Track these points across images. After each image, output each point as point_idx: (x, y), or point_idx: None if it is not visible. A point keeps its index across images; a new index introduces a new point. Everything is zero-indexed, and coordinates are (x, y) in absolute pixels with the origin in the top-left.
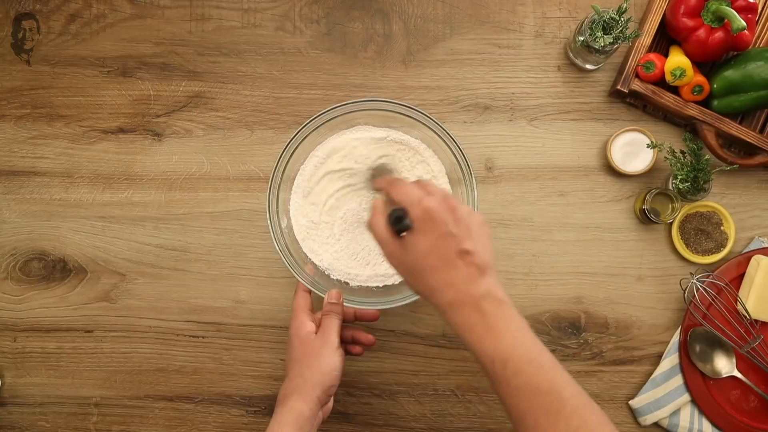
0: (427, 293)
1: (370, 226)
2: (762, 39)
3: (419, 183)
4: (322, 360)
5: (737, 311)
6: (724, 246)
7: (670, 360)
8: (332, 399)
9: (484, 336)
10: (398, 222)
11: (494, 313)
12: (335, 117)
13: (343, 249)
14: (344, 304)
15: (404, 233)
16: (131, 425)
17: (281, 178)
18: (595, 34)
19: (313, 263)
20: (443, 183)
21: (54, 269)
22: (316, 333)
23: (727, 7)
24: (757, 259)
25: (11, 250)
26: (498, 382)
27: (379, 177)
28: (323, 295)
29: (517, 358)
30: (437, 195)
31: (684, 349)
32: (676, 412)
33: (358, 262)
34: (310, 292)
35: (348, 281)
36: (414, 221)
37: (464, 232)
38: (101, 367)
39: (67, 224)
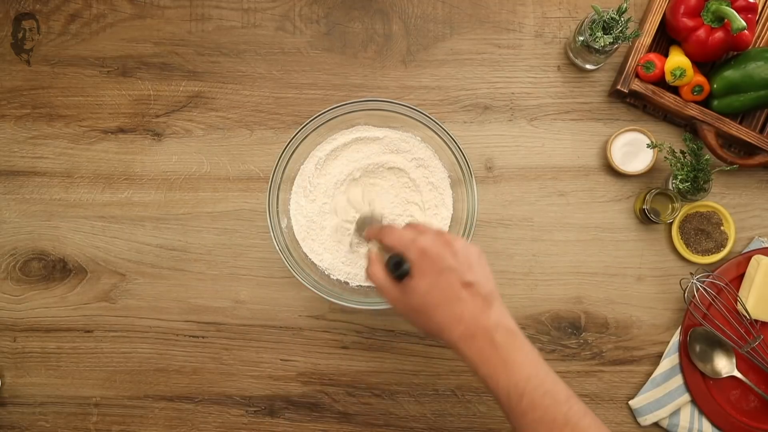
0: (437, 331)
1: (369, 276)
2: (762, 39)
3: (410, 225)
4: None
5: (737, 311)
6: (724, 246)
7: (670, 360)
8: None
9: (498, 369)
10: (397, 268)
11: (507, 344)
12: (335, 117)
13: (344, 249)
14: (344, 303)
15: (405, 278)
16: (131, 425)
17: (281, 178)
18: (595, 34)
19: (313, 263)
20: (444, 185)
21: (54, 269)
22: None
23: (727, 7)
24: (757, 259)
25: (11, 250)
26: (513, 415)
27: (368, 227)
28: (323, 295)
29: (532, 391)
30: (430, 233)
31: (684, 349)
32: (676, 412)
33: (357, 262)
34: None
35: (348, 281)
36: (411, 263)
37: (464, 264)
38: (101, 367)
39: (67, 224)
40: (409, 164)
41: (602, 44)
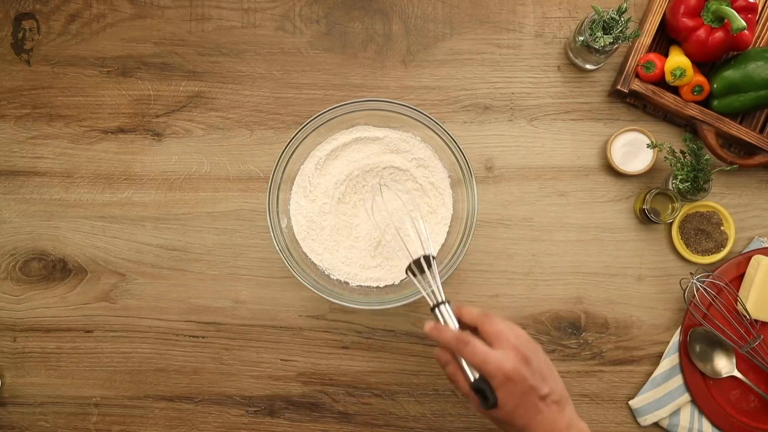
0: None
1: (456, 385)
2: (762, 39)
3: (485, 321)
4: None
5: (737, 311)
6: (724, 246)
7: (670, 360)
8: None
9: None
10: (482, 394)
11: None
12: (335, 117)
13: (344, 249)
14: (344, 303)
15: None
16: (131, 425)
17: (281, 178)
18: (595, 34)
19: (313, 263)
20: (444, 185)
21: (54, 269)
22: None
23: (727, 7)
24: (757, 259)
25: (11, 250)
26: None
27: (439, 330)
28: (323, 295)
29: None
30: (510, 351)
31: (684, 349)
32: (676, 412)
33: (358, 262)
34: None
35: (348, 281)
36: (496, 388)
37: (539, 378)
38: (101, 367)
39: (67, 224)
40: (409, 164)
41: (602, 44)
